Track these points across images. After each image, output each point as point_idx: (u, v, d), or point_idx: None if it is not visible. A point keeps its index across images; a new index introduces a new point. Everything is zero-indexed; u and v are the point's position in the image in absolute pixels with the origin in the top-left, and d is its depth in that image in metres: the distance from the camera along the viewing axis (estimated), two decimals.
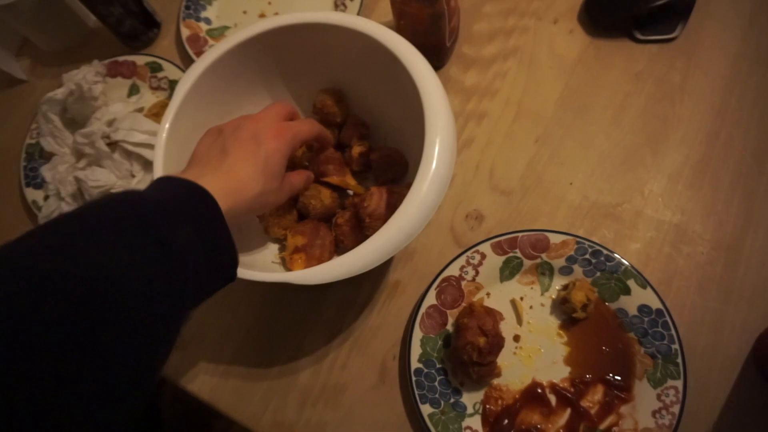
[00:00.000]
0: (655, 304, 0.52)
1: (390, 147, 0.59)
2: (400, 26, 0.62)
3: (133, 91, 0.73)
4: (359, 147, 0.59)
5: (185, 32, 0.72)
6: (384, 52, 0.50)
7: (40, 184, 0.69)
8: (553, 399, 0.53)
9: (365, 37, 0.52)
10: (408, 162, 0.58)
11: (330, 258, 0.57)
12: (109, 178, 0.64)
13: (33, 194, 0.69)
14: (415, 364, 0.53)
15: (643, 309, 0.52)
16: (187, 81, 0.54)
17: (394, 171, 0.58)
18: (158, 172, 0.50)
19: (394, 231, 0.43)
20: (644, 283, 0.53)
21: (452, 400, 0.53)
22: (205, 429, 0.93)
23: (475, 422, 0.52)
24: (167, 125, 0.52)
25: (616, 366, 0.52)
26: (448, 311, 0.55)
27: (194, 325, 0.60)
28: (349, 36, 0.53)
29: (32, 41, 0.78)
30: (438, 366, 0.54)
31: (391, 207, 0.53)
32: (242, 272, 0.45)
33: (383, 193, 0.54)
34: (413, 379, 0.53)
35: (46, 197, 0.68)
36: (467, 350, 0.50)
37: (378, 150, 0.59)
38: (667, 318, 0.51)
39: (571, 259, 0.55)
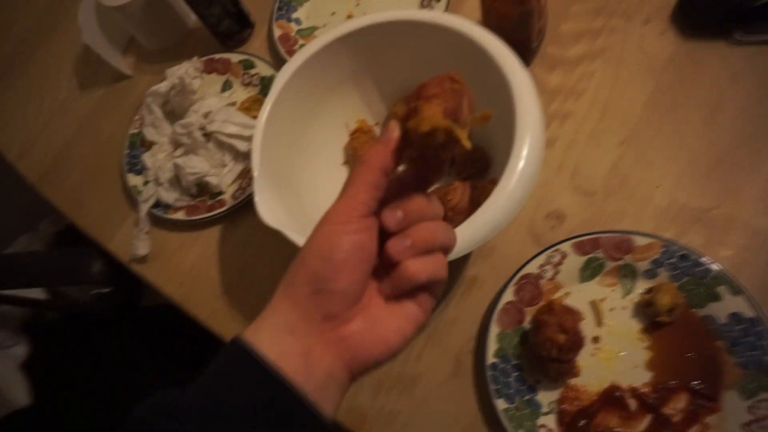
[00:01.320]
0: (749, 312, 0.50)
1: (473, 143, 0.59)
2: (487, 25, 0.62)
3: (227, 86, 0.78)
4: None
5: (277, 32, 0.76)
6: (474, 47, 0.51)
7: (140, 171, 0.75)
8: (633, 403, 0.51)
9: (454, 34, 0.53)
10: (491, 159, 0.59)
11: None
12: (203, 166, 0.69)
13: (134, 179, 0.74)
14: (490, 358, 0.54)
15: (735, 317, 0.50)
16: (284, 75, 0.57)
17: (477, 167, 0.58)
18: (256, 158, 0.53)
19: (482, 222, 0.44)
20: (737, 290, 0.50)
21: (527, 398, 0.53)
22: None
23: (550, 421, 0.52)
24: (266, 115, 0.55)
25: (703, 374, 0.50)
26: (525, 308, 0.55)
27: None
28: (438, 33, 0.54)
29: (138, 40, 0.84)
30: (514, 362, 0.54)
31: (474, 202, 0.53)
32: None
33: (466, 187, 0.54)
34: (488, 373, 0.53)
35: (146, 182, 0.73)
36: (547, 346, 0.50)
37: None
38: (763, 327, 0.49)
39: (656, 263, 0.54)
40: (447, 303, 0.59)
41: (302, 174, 0.61)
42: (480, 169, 0.59)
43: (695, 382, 0.50)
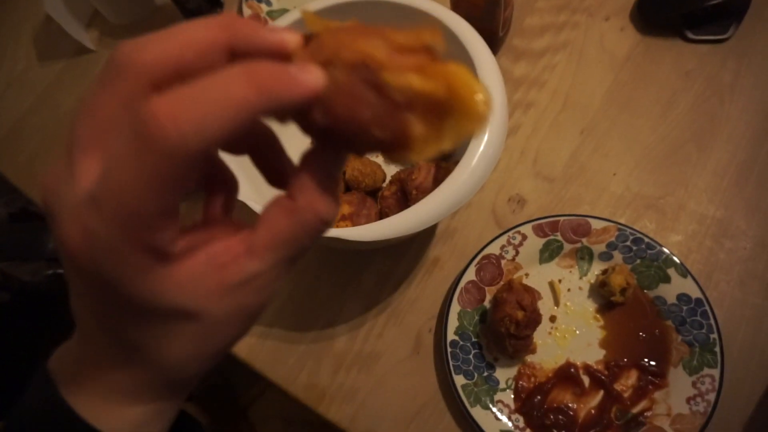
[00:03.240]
0: (695, 293, 0.52)
1: None
2: (456, 11, 0.63)
3: None
4: None
5: (246, 12, 0.76)
6: (443, 30, 0.52)
7: None
8: (586, 380, 0.53)
9: (425, 15, 0.54)
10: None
11: None
12: None
13: None
14: (451, 336, 0.54)
15: (683, 298, 0.53)
16: None
17: (444, 155, 0.59)
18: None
19: (444, 196, 0.45)
20: (685, 272, 0.53)
21: (485, 374, 0.54)
22: (232, 403, 0.95)
23: (507, 397, 0.53)
24: None
25: (652, 352, 0.53)
26: (486, 288, 0.56)
27: None
28: (408, 14, 0.55)
29: (102, 13, 0.82)
30: (473, 340, 0.55)
31: (438, 182, 0.54)
32: None
33: (431, 167, 0.55)
34: (449, 350, 0.54)
35: None
36: (504, 322, 0.51)
37: None
38: (707, 308, 0.52)
39: (611, 245, 0.56)
40: (409, 283, 0.60)
41: None
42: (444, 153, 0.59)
43: (645, 360, 0.53)
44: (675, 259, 0.53)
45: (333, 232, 0.46)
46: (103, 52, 0.83)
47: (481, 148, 0.46)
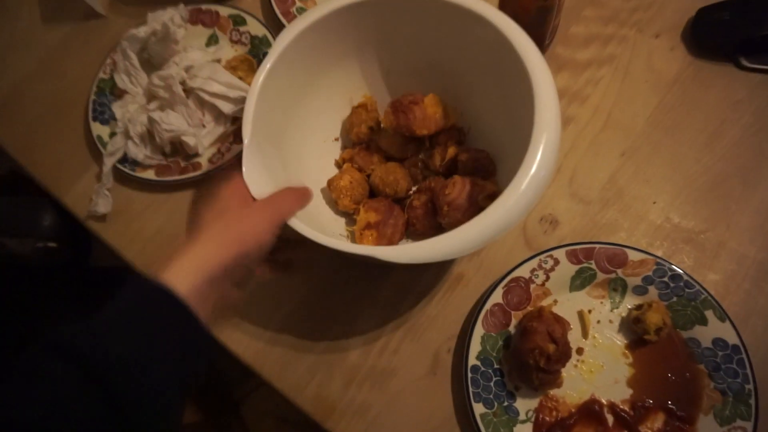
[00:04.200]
0: (733, 339, 0.50)
1: (479, 149, 0.56)
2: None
3: (212, 41, 0.72)
4: (453, 149, 0.57)
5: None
6: (496, 35, 0.49)
7: (107, 120, 0.68)
8: (610, 419, 0.51)
9: (475, 17, 0.50)
10: (496, 165, 0.56)
11: (400, 239, 0.55)
12: (181, 123, 0.63)
13: (99, 129, 0.68)
14: (472, 360, 0.52)
15: (719, 342, 0.50)
16: (284, 39, 0.52)
17: (481, 174, 0.55)
18: (248, 125, 0.49)
19: (491, 220, 0.42)
20: (723, 315, 0.51)
21: (506, 404, 0.51)
22: (226, 396, 0.92)
23: (527, 430, 0.51)
24: (261, 80, 0.50)
25: (681, 396, 0.50)
26: (512, 312, 0.54)
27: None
28: (456, 14, 0.51)
29: None
30: (495, 366, 0.52)
31: (472, 200, 0.51)
32: (328, 240, 0.44)
33: (466, 183, 0.52)
34: (469, 375, 0.51)
35: (112, 134, 0.67)
36: (534, 355, 0.48)
37: (466, 151, 0.56)
38: (744, 355, 0.49)
39: (647, 279, 0.53)
40: (430, 299, 0.57)
41: (291, 144, 0.57)
42: (483, 177, 0.55)
43: (673, 404, 0.50)
44: (714, 300, 0.51)
45: (372, 251, 0.42)
46: (114, 19, 0.77)
47: (533, 170, 0.43)
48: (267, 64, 0.51)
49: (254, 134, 0.49)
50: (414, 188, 0.59)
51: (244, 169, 0.47)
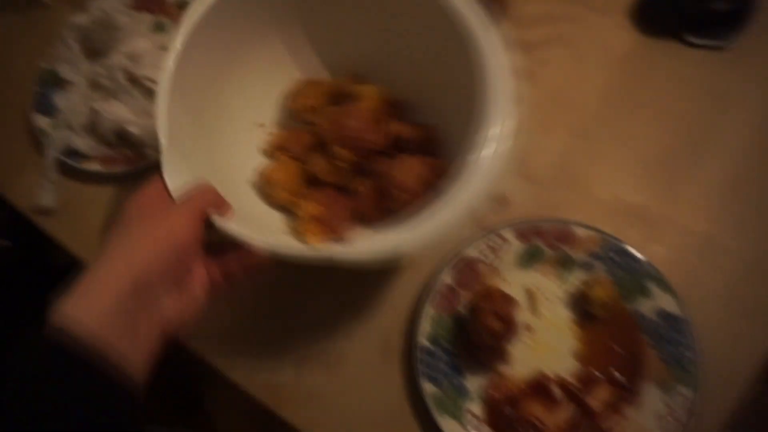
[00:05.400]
0: (674, 309, 0.51)
1: (425, 125, 0.54)
2: None
3: (158, 28, 0.70)
4: (396, 125, 0.54)
5: None
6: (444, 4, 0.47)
7: (50, 111, 0.66)
8: (558, 393, 0.51)
9: None
10: (442, 138, 0.54)
11: (349, 230, 0.54)
12: (125, 113, 0.62)
13: (41, 121, 0.66)
14: (422, 341, 0.52)
15: (662, 313, 0.51)
16: (195, 13, 0.48)
17: (429, 152, 0.53)
18: (162, 121, 0.46)
19: (437, 221, 0.41)
20: (667, 288, 0.51)
21: (455, 382, 0.51)
22: (193, 401, 0.91)
23: (476, 407, 0.51)
24: (172, 65, 0.47)
25: (627, 367, 0.51)
26: (462, 292, 0.54)
27: None
28: None
29: None
30: (445, 346, 0.52)
31: (423, 179, 0.49)
32: (285, 247, 0.43)
33: (415, 163, 0.50)
34: (418, 356, 0.51)
35: (56, 125, 0.65)
36: (481, 333, 0.49)
37: (411, 127, 0.54)
38: (686, 325, 0.50)
39: (594, 255, 0.54)
40: (380, 282, 0.57)
41: (215, 135, 0.54)
42: (427, 151, 0.53)
43: (619, 375, 0.51)
44: (658, 274, 0.52)
45: (332, 252, 0.42)
46: (57, 7, 0.75)
47: (487, 158, 0.42)
48: (177, 44, 0.47)
49: (172, 128, 0.46)
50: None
51: (165, 174, 0.43)
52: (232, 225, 0.42)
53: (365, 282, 0.57)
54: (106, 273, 0.35)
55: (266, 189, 0.54)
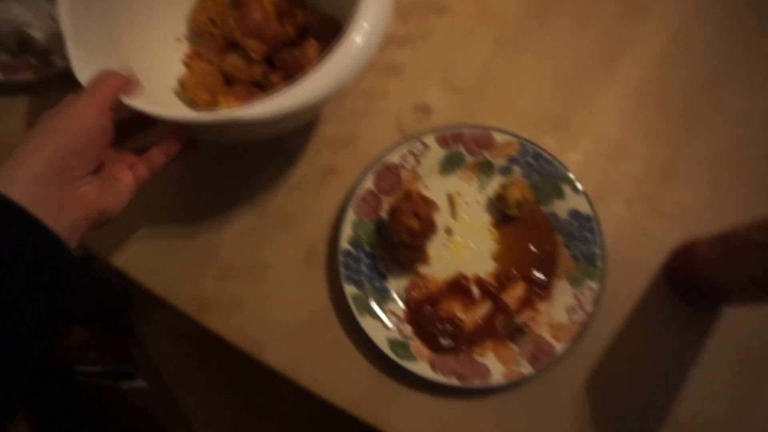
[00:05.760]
0: (586, 209, 0.53)
1: (329, 14, 0.54)
2: None
3: None
4: (301, 14, 0.54)
5: None
6: None
7: None
8: (476, 291, 0.53)
9: None
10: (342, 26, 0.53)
11: None
12: (24, 15, 0.57)
13: None
14: (344, 245, 0.52)
15: (574, 214, 0.53)
16: None
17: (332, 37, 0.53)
18: (65, 14, 0.44)
19: (338, 68, 0.41)
20: (579, 190, 0.53)
21: (377, 284, 0.52)
22: (118, 315, 0.89)
23: (397, 307, 0.52)
24: None
25: (541, 265, 0.53)
26: (384, 197, 0.54)
27: None
28: None
29: None
30: (367, 250, 0.53)
31: None
32: (193, 116, 0.42)
33: (321, 47, 0.50)
34: (341, 259, 0.52)
35: None
36: (399, 232, 0.49)
37: (314, 16, 0.54)
38: (594, 224, 0.53)
39: (512, 160, 0.55)
40: (304, 191, 0.56)
41: (130, 46, 0.52)
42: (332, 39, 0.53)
43: (534, 273, 0.53)
44: (570, 176, 0.54)
45: (230, 114, 0.40)
46: None
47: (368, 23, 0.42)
48: None
49: (80, 31, 0.44)
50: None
51: (72, 65, 0.43)
52: (140, 102, 0.42)
53: (290, 191, 0.56)
54: (24, 155, 0.37)
55: (189, 94, 0.53)
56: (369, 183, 0.54)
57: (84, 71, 0.43)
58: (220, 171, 0.57)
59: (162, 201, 0.56)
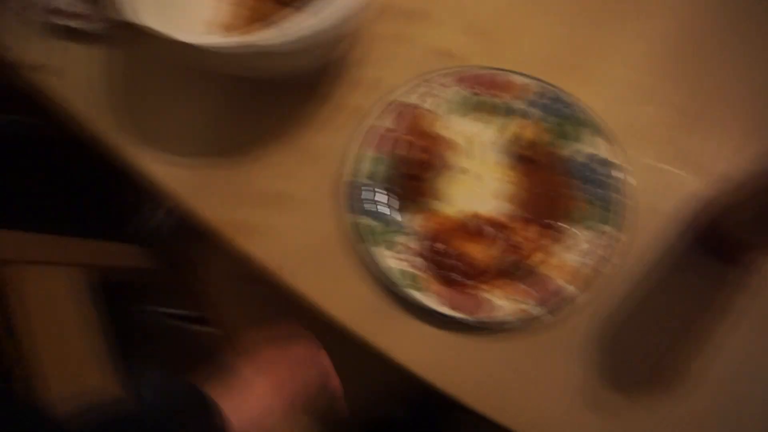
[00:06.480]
0: (604, 153, 0.52)
1: None
2: None
3: None
4: None
5: None
6: None
7: None
8: (489, 231, 0.54)
9: None
10: None
11: None
12: None
13: None
14: (361, 179, 0.55)
15: (592, 157, 0.53)
16: None
17: None
18: None
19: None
20: (597, 132, 0.52)
21: (391, 218, 0.55)
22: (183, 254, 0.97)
23: (411, 240, 0.54)
24: None
25: (556, 208, 0.53)
26: (401, 135, 0.56)
27: (154, 119, 0.62)
28: None
29: None
30: (383, 185, 0.55)
31: None
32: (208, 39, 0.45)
33: None
34: (357, 192, 0.55)
35: None
36: (408, 163, 0.51)
37: None
38: (614, 168, 0.52)
39: (530, 102, 0.55)
40: (332, 129, 0.59)
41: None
42: None
43: (547, 215, 0.53)
44: (590, 118, 0.53)
45: (250, 39, 0.43)
46: None
47: None
48: None
49: None
50: None
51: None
52: (152, 21, 0.44)
53: (317, 130, 0.59)
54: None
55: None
56: (387, 121, 0.56)
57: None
58: (258, 112, 0.61)
59: (206, 134, 0.61)
